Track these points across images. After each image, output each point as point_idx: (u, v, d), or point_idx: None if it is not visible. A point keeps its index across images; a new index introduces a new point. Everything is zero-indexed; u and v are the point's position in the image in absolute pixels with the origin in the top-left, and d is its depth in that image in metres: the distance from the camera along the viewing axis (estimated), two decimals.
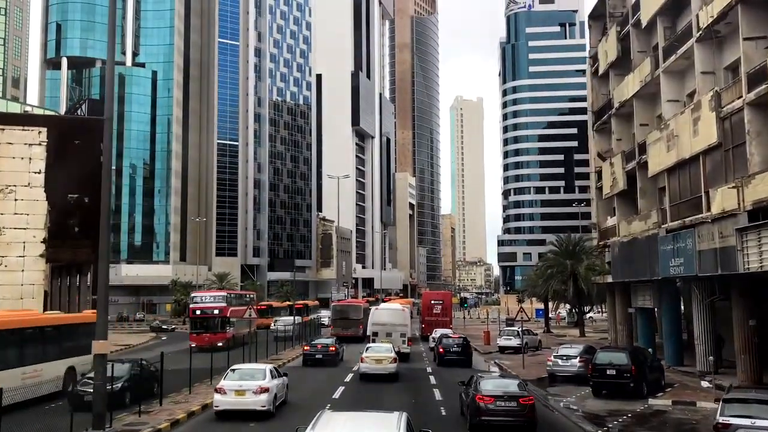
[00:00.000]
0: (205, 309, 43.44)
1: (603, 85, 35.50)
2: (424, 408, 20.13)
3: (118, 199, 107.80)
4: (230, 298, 45.39)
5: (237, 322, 43.88)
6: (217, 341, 39.72)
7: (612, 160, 31.90)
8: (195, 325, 43.63)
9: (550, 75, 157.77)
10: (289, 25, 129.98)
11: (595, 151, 36.00)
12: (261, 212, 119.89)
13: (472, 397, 17.11)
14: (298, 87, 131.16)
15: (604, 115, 33.81)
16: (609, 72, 32.89)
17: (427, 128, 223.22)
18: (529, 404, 16.72)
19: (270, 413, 19.17)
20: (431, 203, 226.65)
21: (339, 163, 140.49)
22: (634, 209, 30.49)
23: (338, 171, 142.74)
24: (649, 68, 26.49)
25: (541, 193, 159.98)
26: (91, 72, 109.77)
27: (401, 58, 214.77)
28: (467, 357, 32.02)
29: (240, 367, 21.32)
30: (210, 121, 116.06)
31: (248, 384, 19.18)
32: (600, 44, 33.75)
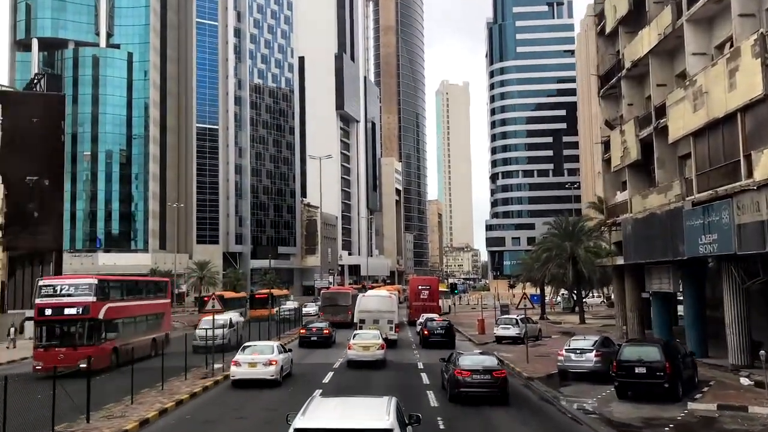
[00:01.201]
0: (59, 307, 26.16)
1: (610, 46, 32.33)
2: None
3: (94, 185, 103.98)
4: (107, 287, 28.30)
5: (125, 326, 28.90)
6: (78, 360, 23.05)
7: (623, 127, 28.77)
8: (43, 335, 26.23)
9: (537, 56, 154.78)
10: (269, 4, 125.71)
11: (602, 120, 32.78)
12: (243, 198, 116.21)
13: (452, 372, 19.20)
14: (279, 69, 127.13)
15: (613, 78, 30.63)
16: (618, 29, 29.63)
17: (413, 113, 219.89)
18: (501, 377, 18.78)
19: (277, 382, 22.43)
20: (418, 189, 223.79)
21: (323, 148, 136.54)
22: (650, 182, 27.47)
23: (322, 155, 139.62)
24: (669, 18, 23.35)
25: (529, 177, 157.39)
26: (63, 54, 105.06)
27: (386, 40, 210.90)
28: (450, 339, 33.67)
29: (251, 344, 24.73)
30: (189, 105, 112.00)
31: (259, 357, 22.50)
32: (607, 2, 30.50)
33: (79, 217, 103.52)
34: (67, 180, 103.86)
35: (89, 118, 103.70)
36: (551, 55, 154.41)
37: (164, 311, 34.01)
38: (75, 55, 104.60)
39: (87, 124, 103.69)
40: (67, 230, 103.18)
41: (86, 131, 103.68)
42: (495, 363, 19.19)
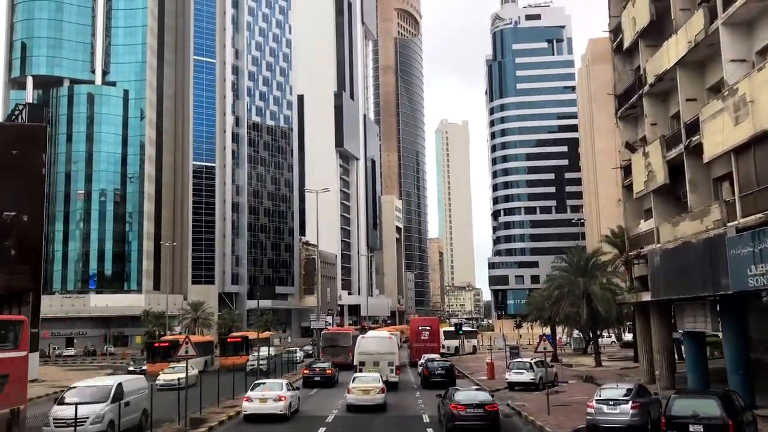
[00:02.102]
0: None
1: (628, 63, 30.04)
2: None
3: (87, 225, 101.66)
4: None
5: None
6: None
7: (646, 149, 26.29)
8: None
9: (538, 92, 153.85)
10: (268, 42, 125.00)
11: (621, 142, 30.30)
12: (240, 237, 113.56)
13: (448, 407, 20.77)
14: (278, 106, 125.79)
15: (632, 97, 28.26)
16: (638, 43, 27.37)
17: (413, 151, 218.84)
18: (493, 410, 20.54)
19: (286, 417, 23.98)
20: (418, 227, 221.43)
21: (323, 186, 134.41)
22: (678, 208, 24.87)
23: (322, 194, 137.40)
24: (701, 24, 21.02)
25: (531, 214, 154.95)
26: (58, 91, 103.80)
27: (385, 80, 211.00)
28: (451, 379, 33.53)
29: (261, 381, 26.47)
30: (185, 142, 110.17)
31: (269, 393, 24.18)
32: (624, 12, 28.27)
33: (71, 257, 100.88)
34: (59, 220, 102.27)
35: (83, 156, 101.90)
36: (551, 92, 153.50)
37: (10, 371, 18.98)
38: (70, 93, 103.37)
39: (81, 163, 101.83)
40: (59, 270, 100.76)
41: (80, 170, 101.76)
42: (488, 398, 21.20)
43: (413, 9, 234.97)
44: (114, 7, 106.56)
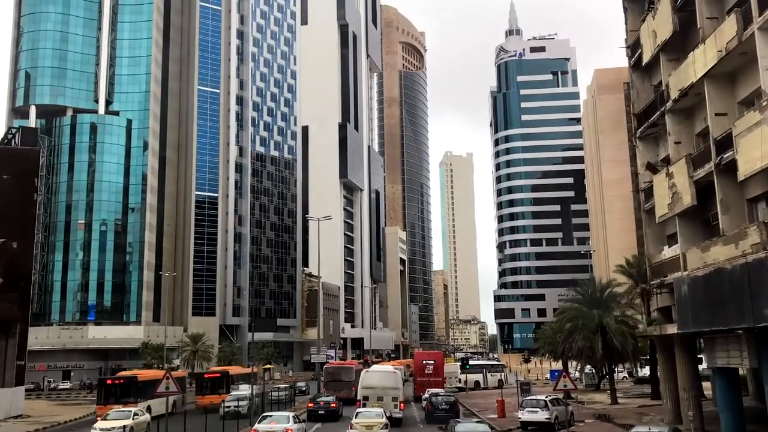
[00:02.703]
0: None
1: (647, 80, 28.59)
2: None
3: (87, 255, 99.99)
4: None
5: None
6: None
7: (670, 169, 24.65)
8: None
9: (543, 124, 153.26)
10: (273, 73, 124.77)
11: (641, 164, 28.68)
12: (242, 268, 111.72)
13: None
14: (282, 137, 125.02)
15: (653, 115, 26.73)
16: (659, 57, 25.92)
17: (418, 182, 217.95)
18: None
19: None
20: (423, 259, 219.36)
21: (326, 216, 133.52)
22: (706, 232, 23.15)
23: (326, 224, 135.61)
24: (733, 30, 19.54)
25: (537, 246, 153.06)
26: (61, 120, 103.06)
27: (390, 112, 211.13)
28: (455, 414, 33.30)
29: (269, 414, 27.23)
30: (188, 172, 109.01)
31: (277, 426, 24.95)
32: (643, 26, 26.88)
33: (70, 287, 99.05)
34: (59, 250, 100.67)
35: (85, 185, 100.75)
36: (557, 123, 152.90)
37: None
38: (73, 122, 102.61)
39: (82, 192, 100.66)
40: (57, 301, 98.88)
41: (81, 199, 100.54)
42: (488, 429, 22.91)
43: (418, 43, 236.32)
44: (119, 37, 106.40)
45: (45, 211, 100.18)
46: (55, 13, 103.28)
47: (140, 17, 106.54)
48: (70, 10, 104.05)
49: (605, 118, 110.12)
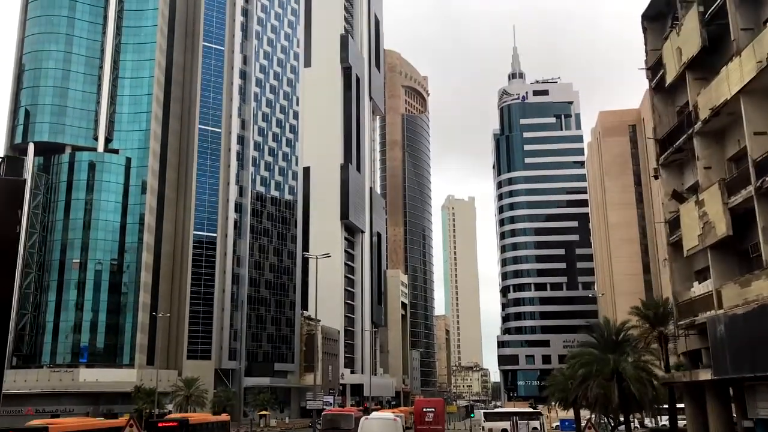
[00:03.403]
0: None
1: (670, 103, 26.88)
2: None
3: (81, 295, 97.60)
4: None
5: None
6: None
7: (700, 197, 22.72)
8: None
9: (546, 167, 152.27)
10: (275, 113, 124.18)
11: (664, 193, 26.73)
12: (239, 310, 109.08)
13: None
14: (283, 177, 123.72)
15: (678, 139, 24.91)
16: (685, 76, 24.21)
17: (420, 225, 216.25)
18: None
19: None
20: (424, 303, 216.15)
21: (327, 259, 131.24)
22: (743, 265, 21.11)
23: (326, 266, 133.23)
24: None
25: (542, 290, 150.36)
26: (60, 158, 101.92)
27: (392, 154, 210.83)
28: None
29: None
30: (187, 212, 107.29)
31: None
32: (666, 44, 25.28)
33: (62, 328, 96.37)
34: (52, 289, 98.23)
35: (81, 224, 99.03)
36: (560, 166, 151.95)
37: None
38: (71, 160, 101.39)
39: (78, 231, 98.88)
40: (48, 343, 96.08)
41: (77, 238, 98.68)
42: None
43: (420, 87, 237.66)
44: (121, 75, 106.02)
45: (39, 249, 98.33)
46: (57, 51, 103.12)
47: (142, 56, 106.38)
48: (73, 49, 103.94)
49: (610, 160, 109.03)
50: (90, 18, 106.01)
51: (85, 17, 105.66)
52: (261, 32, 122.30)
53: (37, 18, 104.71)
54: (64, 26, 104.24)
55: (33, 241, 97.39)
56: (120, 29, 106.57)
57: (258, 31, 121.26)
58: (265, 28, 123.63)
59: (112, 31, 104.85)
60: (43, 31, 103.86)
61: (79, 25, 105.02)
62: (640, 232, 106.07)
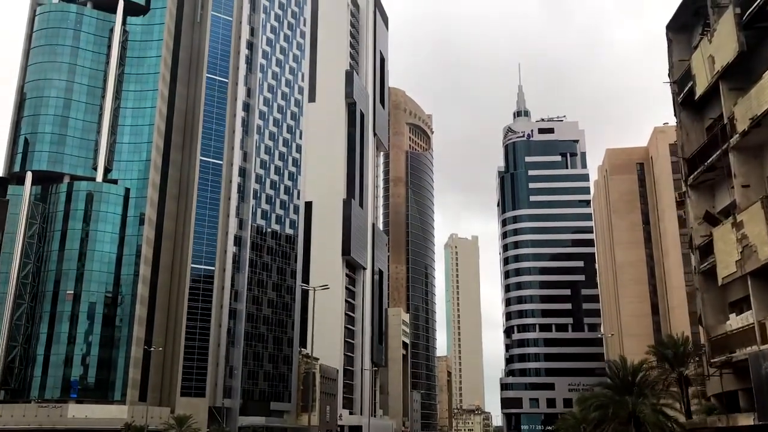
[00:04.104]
0: None
1: (697, 119, 24.83)
2: None
3: (73, 327, 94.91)
4: None
5: None
6: None
7: (738, 218, 20.53)
8: None
9: (552, 205, 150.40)
10: (278, 146, 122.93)
11: (693, 217, 24.52)
12: (235, 346, 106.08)
13: None
14: (284, 210, 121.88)
15: (709, 156, 22.82)
16: (719, 87, 22.20)
17: (422, 263, 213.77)
18: None
19: None
20: (426, 343, 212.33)
21: (327, 295, 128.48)
22: None
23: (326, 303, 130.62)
24: None
25: (546, 331, 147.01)
26: (58, 188, 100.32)
27: (396, 191, 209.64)
28: None
29: None
30: (185, 244, 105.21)
31: None
32: (695, 53, 23.34)
33: (53, 361, 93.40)
34: (44, 321, 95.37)
35: (77, 255, 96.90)
36: (566, 205, 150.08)
37: None
38: (69, 190, 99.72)
39: (73, 262, 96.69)
40: (38, 377, 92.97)
41: (72, 269, 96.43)
42: None
43: (425, 125, 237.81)
44: (123, 105, 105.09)
45: (33, 280, 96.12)
46: (60, 80, 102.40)
47: (145, 86, 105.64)
48: (75, 78, 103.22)
49: (618, 198, 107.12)
50: (94, 48, 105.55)
51: (89, 47, 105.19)
52: (266, 65, 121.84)
53: (41, 47, 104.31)
54: (67, 55, 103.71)
55: (27, 271, 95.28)
56: (124, 59, 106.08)
57: (263, 64, 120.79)
58: (270, 62, 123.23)
59: (115, 61, 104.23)
60: (46, 60, 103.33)
61: (83, 55, 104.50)
62: (648, 272, 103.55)
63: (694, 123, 25.19)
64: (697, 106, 24.81)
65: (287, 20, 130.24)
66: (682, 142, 25.82)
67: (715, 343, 22.76)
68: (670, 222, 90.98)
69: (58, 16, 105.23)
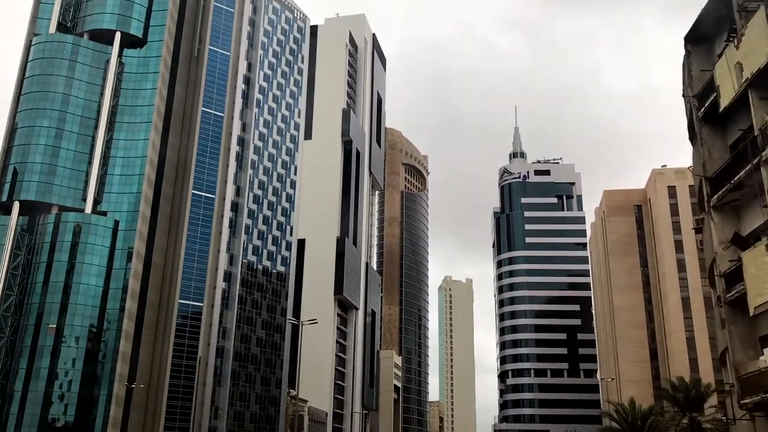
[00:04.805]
0: None
1: (720, 134, 23.08)
2: None
3: (54, 363, 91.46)
4: None
5: None
6: None
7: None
8: None
9: (547, 247, 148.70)
10: (272, 181, 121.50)
11: (717, 241, 22.62)
12: (222, 386, 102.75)
13: None
14: (276, 246, 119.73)
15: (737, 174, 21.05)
16: (748, 95, 20.52)
17: (416, 305, 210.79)
18: None
19: None
20: (418, 388, 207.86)
21: (318, 335, 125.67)
22: None
23: (316, 344, 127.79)
24: None
25: (542, 376, 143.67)
26: (45, 218, 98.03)
27: (390, 231, 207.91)
28: None
29: None
30: (173, 279, 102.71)
31: None
32: (719, 62, 21.76)
33: (30, 398, 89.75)
34: (24, 356, 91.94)
35: (61, 287, 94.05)
36: (562, 247, 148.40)
37: None
38: (57, 221, 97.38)
39: (58, 294, 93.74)
40: (14, 414, 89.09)
41: (56, 302, 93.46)
42: None
43: (420, 165, 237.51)
44: (116, 137, 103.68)
45: (15, 312, 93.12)
46: (52, 110, 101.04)
47: (139, 118, 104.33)
48: (69, 108, 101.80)
49: (615, 240, 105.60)
50: (89, 79, 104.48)
51: (84, 78, 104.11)
52: (262, 100, 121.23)
53: (35, 77, 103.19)
54: (61, 86, 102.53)
55: (9, 303, 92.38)
56: (118, 91, 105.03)
57: (259, 99, 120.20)
58: (266, 97, 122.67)
59: (110, 92, 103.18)
60: (39, 89, 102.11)
61: (77, 85, 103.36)
62: (647, 316, 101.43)
63: (717, 139, 23.42)
64: (720, 119, 23.10)
65: (285, 57, 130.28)
66: (703, 160, 23.99)
67: (745, 382, 20.60)
68: (670, 265, 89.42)
69: (54, 47, 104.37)
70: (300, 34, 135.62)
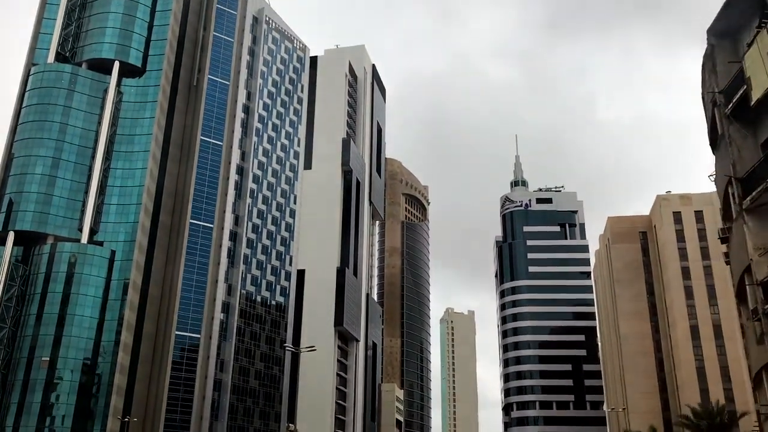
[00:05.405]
0: None
1: (750, 132, 21.43)
2: None
3: (46, 397, 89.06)
4: None
5: None
6: None
7: None
8: None
9: (551, 276, 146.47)
10: (271, 210, 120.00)
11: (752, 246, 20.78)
12: (219, 420, 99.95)
13: None
14: (276, 277, 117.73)
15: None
16: None
17: (417, 337, 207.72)
18: None
19: None
20: (420, 422, 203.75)
21: (318, 367, 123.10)
22: None
23: (316, 377, 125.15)
24: None
25: (547, 409, 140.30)
26: (41, 249, 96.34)
27: (391, 261, 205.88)
28: None
29: None
30: (170, 310, 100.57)
31: None
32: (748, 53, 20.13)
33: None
34: (17, 390, 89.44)
35: (55, 319, 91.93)
36: (565, 276, 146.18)
37: None
38: (52, 251, 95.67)
39: (52, 326, 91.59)
40: None
41: (49, 334, 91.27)
42: None
43: (421, 196, 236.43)
44: (113, 166, 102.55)
45: (8, 345, 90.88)
46: (50, 139, 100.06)
47: (137, 147, 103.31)
48: (66, 138, 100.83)
49: (621, 267, 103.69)
50: (87, 108, 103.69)
51: (81, 107, 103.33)
52: (261, 129, 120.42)
53: (33, 106, 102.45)
54: (59, 115, 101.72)
55: (2, 336, 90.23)
56: (116, 120, 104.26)
57: (258, 128, 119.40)
58: (266, 126, 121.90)
59: (107, 121, 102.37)
60: (37, 119, 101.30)
61: (75, 114, 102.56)
62: (654, 345, 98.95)
63: (748, 137, 21.87)
64: (750, 116, 21.55)
65: (285, 86, 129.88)
66: (733, 160, 22.38)
67: None
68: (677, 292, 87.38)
69: (53, 76, 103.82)
70: (299, 63, 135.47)
